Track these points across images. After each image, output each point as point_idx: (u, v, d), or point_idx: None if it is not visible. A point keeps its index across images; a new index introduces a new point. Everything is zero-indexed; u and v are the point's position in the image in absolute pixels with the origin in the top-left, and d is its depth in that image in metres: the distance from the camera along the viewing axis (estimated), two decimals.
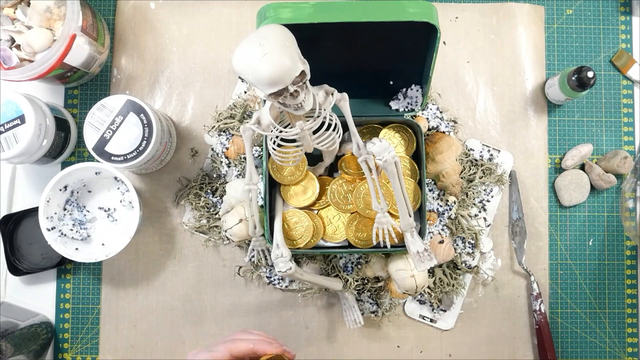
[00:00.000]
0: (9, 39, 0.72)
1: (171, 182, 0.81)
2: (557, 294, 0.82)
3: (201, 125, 0.82)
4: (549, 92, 0.81)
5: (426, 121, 0.80)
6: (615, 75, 0.85)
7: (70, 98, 0.82)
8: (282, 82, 0.52)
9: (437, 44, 0.61)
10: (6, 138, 0.69)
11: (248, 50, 0.51)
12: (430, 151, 0.77)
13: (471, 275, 0.81)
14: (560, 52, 0.84)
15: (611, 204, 0.83)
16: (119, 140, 0.70)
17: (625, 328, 0.82)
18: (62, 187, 0.75)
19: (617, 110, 0.84)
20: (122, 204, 0.78)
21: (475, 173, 0.80)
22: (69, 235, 0.75)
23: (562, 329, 0.82)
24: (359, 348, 0.80)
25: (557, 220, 0.83)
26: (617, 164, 0.81)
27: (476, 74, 0.83)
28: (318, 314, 0.81)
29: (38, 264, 0.79)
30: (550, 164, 0.83)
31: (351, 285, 0.77)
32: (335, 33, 0.62)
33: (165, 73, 0.82)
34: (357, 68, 0.69)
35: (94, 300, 0.80)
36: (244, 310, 0.80)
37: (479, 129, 0.82)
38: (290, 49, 0.52)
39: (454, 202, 0.79)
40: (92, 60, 0.78)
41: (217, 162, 0.80)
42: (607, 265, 0.83)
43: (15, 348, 0.71)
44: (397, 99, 0.76)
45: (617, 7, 0.85)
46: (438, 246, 0.77)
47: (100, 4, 0.83)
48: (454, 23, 0.83)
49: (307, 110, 0.56)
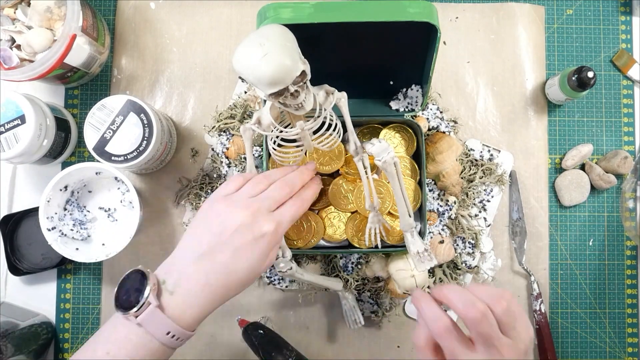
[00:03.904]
0: (9, 39, 0.72)
1: (171, 182, 0.81)
2: (557, 294, 0.82)
3: (201, 125, 0.82)
4: (549, 92, 0.81)
5: (426, 121, 0.80)
6: (616, 75, 0.85)
7: (71, 98, 0.82)
8: (283, 82, 0.52)
9: (437, 44, 0.61)
10: (6, 138, 0.69)
11: (249, 50, 0.51)
12: (431, 151, 0.77)
13: (471, 275, 0.81)
14: (560, 52, 0.84)
15: (611, 204, 0.83)
16: (119, 140, 0.70)
17: (626, 328, 0.82)
18: (62, 187, 0.75)
19: (617, 110, 0.84)
20: (122, 204, 0.78)
21: (475, 173, 0.80)
22: (69, 235, 0.75)
23: (562, 329, 0.82)
24: (359, 348, 0.80)
25: (557, 220, 0.83)
26: (617, 164, 0.81)
27: (476, 74, 0.83)
28: (318, 314, 0.81)
29: (38, 264, 0.79)
30: (551, 164, 0.83)
31: (351, 285, 0.77)
32: (335, 33, 0.62)
33: (166, 73, 0.82)
34: (357, 68, 0.69)
35: (94, 300, 0.80)
36: (244, 310, 0.80)
37: (479, 129, 0.82)
38: (291, 49, 0.52)
39: (454, 202, 0.79)
40: (93, 61, 0.78)
41: (217, 162, 0.80)
42: (607, 265, 0.83)
43: (16, 348, 0.71)
44: (397, 99, 0.76)
45: (617, 7, 0.85)
46: (438, 246, 0.77)
47: (101, 4, 0.83)
48: (454, 23, 0.83)
49: (307, 110, 0.56)
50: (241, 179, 0.61)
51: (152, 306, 0.51)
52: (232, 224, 0.56)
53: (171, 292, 0.53)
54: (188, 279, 0.54)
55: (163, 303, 0.53)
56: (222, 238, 0.55)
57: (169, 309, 0.52)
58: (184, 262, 0.55)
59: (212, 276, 0.54)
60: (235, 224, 0.56)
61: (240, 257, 0.55)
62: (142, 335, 0.52)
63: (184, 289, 0.54)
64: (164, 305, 0.53)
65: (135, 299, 0.52)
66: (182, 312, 0.53)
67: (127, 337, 0.52)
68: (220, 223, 0.56)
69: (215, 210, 0.57)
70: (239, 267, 0.55)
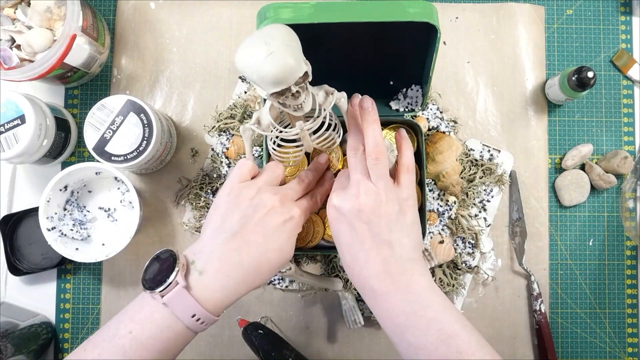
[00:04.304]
0: (9, 39, 0.72)
1: (171, 182, 0.81)
2: (557, 294, 0.82)
3: (201, 125, 0.82)
4: (549, 92, 0.81)
5: (426, 121, 0.80)
6: (616, 75, 0.85)
7: (71, 98, 0.82)
8: (286, 81, 0.52)
9: (437, 44, 0.61)
10: (6, 138, 0.69)
11: (253, 49, 0.51)
12: (431, 151, 0.77)
13: (471, 275, 0.81)
14: (560, 52, 0.84)
15: (611, 204, 0.83)
16: (119, 140, 0.70)
17: (626, 328, 0.82)
18: (62, 187, 0.75)
19: (617, 110, 0.84)
20: (122, 204, 0.78)
21: (475, 173, 0.80)
22: (69, 235, 0.75)
23: (562, 329, 0.82)
24: (359, 348, 0.80)
25: (557, 220, 0.83)
26: (617, 164, 0.81)
27: (476, 74, 0.83)
28: (318, 314, 0.81)
29: (38, 264, 0.79)
30: (551, 164, 0.83)
31: (351, 285, 0.77)
32: (335, 33, 0.62)
33: (166, 73, 0.82)
34: (357, 68, 0.69)
35: (94, 300, 0.80)
36: (244, 310, 0.80)
37: (479, 129, 0.82)
38: (295, 49, 0.52)
39: (454, 202, 0.79)
40: (92, 60, 0.78)
41: (217, 162, 0.80)
42: (608, 265, 0.83)
43: (16, 348, 0.71)
44: (397, 99, 0.76)
45: (617, 7, 0.85)
46: (438, 246, 0.77)
47: (100, 4, 0.83)
48: (454, 23, 0.83)
49: (306, 111, 0.56)
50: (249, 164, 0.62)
51: (179, 286, 0.51)
52: (264, 206, 0.57)
53: (200, 272, 0.53)
54: (219, 259, 0.54)
55: (191, 284, 0.53)
56: (253, 220, 0.56)
57: (196, 291, 0.52)
58: (214, 242, 0.55)
59: (245, 256, 0.55)
60: (267, 207, 0.57)
61: (272, 238, 0.56)
62: (167, 316, 0.52)
63: (214, 268, 0.54)
64: (191, 286, 0.53)
65: (162, 278, 0.52)
66: (210, 294, 0.53)
67: (151, 317, 0.52)
68: (251, 205, 0.57)
69: (245, 194, 0.58)
70: (269, 248, 0.56)
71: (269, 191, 0.59)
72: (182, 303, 0.52)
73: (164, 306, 0.52)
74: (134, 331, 0.51)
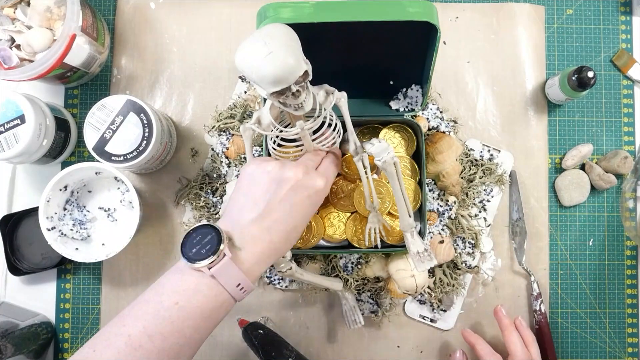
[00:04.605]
0: (9, 38, 0.72)
1: (171, 182, 0.81)
2: (557, 294, 0.82)
3: (201, 125, 0.82)
4: (549, 92, 0.81)
5: (426, 121, 0.80)
6: (616, 75, 0.85)
7: (70, 98, 0.82)
8: (286, 81, 0.52)
9: (437, 44, 0.61)
10: (6, 138, 0.69)
11: (253, 48, 0.51)
12: (431, 151, 0.77)
13: (471, 275, 0.81)
14: (560, 52, 0.84)
15: (611, 204, 0.83)
16: (119, 140, 0.70)
17: (626, 328, 0.82)
18: (62, 187, 0.75)
19: (617, 110, 0.84)
20: (122, 204, 0.78)
21: (475, 173, 0.80)
22: (69, 235, 0.75)
23: (562, 329, 0.82)
24: (359, 348, 0.80)
25: (557, 220, 0.83)
26: (618, 164, 0.81)
27: (476, 74, 0.83)
28: (318, 314, 0.81)
29: (38, 264, 0.79)
30: (551, 164, 0.83)
31: (351, 285, 0.77)
32: (335, 33, 0.62)
33: (165, 73, 0.82)
34: (357, 68, 0.69)
35: (94, 300, 0.80)
36: (244, 310, 0.80)
37: (479, 129, 0.82)
38: (295, 48, 0.52)
39: (454, 202, 0.79)
40: (92, 60, 0.78)
41: (217, 162, 0.80)
42: (607, 265, 0.83)
43: (16, 348, 0.71)
44: (397, 99, 0.76)
45: (617, 7, 0.85)
46: (438, 246, 0.77)
47: (100, 4, 0.83)
48: (454, 23, 0.83)
49: (307, 110, 0.56)
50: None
51: (227, 258, 0.53)
52: (287, 180, 0.58)
53: (239, 248, 0.55)
54: (253, 238, 0.56)
55: (233, 256, 0.54)
56: (278, 195, 0.57)
57: (239, 262, 0.54)
58: (243, 221, 0.57)
59: (275, 233, 0.57)
60: (290, 181, 0.58)
61: (299, 212, 0.58)
62: (213, 286, 0.53)
63: (250, 245, 0.56)
64: (234, 259, 0.55)
65: (208, 251, 0.53)
66: (251, 265, 0.55)
67: (197, 287, 0.53)
68: (274, 180, 0.58)
69: (266, 170, 0.59)
70: (298, 222, 0.58)
71: (290, 165, 0.59)
72: (230, 274, 0.54)
73: (211, 277, 0.53)
74: (181, 302, 0.52)
